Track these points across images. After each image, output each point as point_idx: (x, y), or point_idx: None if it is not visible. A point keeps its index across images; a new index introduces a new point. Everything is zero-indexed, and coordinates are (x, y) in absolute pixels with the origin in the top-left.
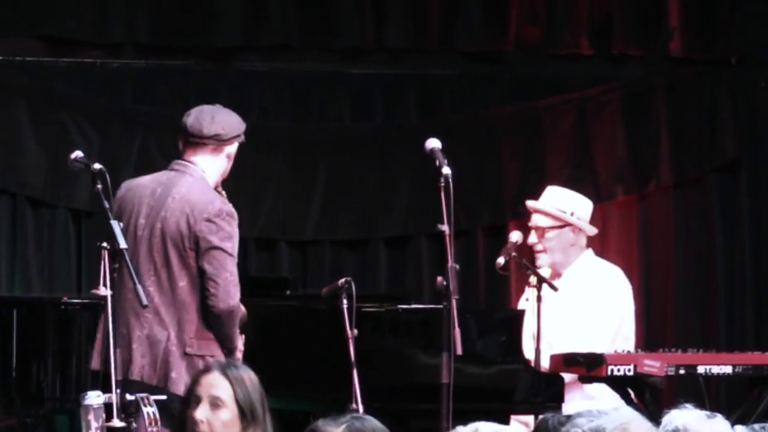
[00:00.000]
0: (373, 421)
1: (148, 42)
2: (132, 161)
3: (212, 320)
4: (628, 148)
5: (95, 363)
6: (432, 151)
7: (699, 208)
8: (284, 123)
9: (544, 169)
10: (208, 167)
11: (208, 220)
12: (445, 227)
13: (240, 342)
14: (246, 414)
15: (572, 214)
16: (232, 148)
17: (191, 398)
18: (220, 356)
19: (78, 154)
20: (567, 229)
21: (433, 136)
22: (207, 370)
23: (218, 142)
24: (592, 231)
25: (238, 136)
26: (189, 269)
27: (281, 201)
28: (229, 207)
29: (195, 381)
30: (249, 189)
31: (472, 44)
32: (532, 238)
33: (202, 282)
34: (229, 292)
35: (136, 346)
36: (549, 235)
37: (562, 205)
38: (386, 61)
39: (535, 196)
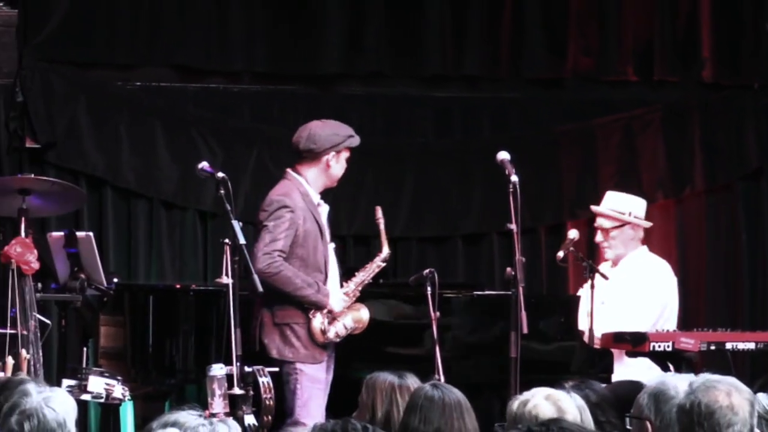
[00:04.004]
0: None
1: (263, 70)
2: (249, 171)
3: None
4: (668, 159)
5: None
6: (502, 162)
7: (727, 210)
8: (378, 139)
9: (597, 177)
10: (309, 175)
11: (262, 209)
12: (513, 226)
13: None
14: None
15: (630, 214)
16: (329, 157)
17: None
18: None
19: (204, 164)
20: (627, 227)
21: (503, 149)
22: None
23: (313, 155)
24: (648, 225)
25: (335, 146)
26: None
27: (375, 204)
28: (278, 196)
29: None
30: (348, 194)
31: (536, 72)
32: (599, 237)
33: None
34: (257, 257)
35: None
36: (613, 234)
37: (620, 207)
38: (464, 87)
39: (590, 200)
